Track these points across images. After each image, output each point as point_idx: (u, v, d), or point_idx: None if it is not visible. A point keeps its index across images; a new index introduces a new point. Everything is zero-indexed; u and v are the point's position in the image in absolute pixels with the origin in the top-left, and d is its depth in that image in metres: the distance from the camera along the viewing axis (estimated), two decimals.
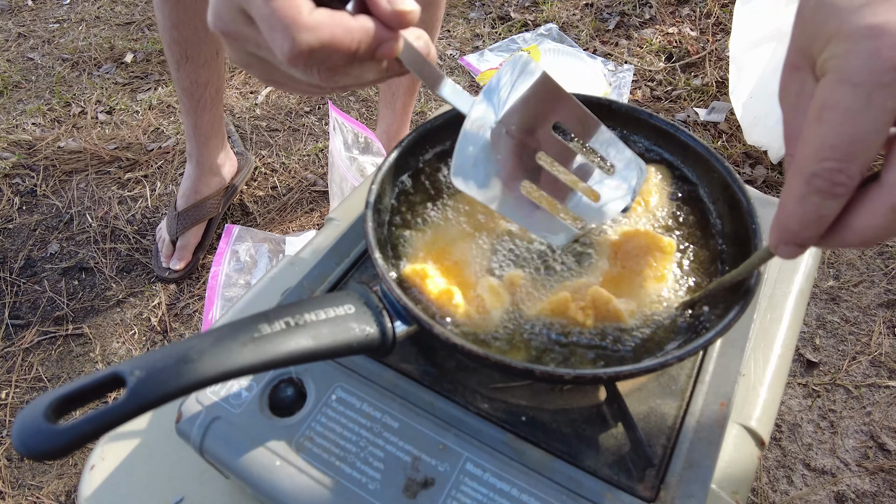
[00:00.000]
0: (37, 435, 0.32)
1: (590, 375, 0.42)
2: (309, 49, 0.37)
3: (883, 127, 0.31)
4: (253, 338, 0.38)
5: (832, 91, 0.32)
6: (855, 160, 0.32)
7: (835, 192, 0.33)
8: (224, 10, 0.40)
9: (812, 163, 0.33)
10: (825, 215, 0.34)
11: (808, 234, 0.35)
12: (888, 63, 0.30)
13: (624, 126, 0.64)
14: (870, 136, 0.31)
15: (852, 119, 0.31)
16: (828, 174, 0.33)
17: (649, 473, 0.46)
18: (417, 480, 0.46)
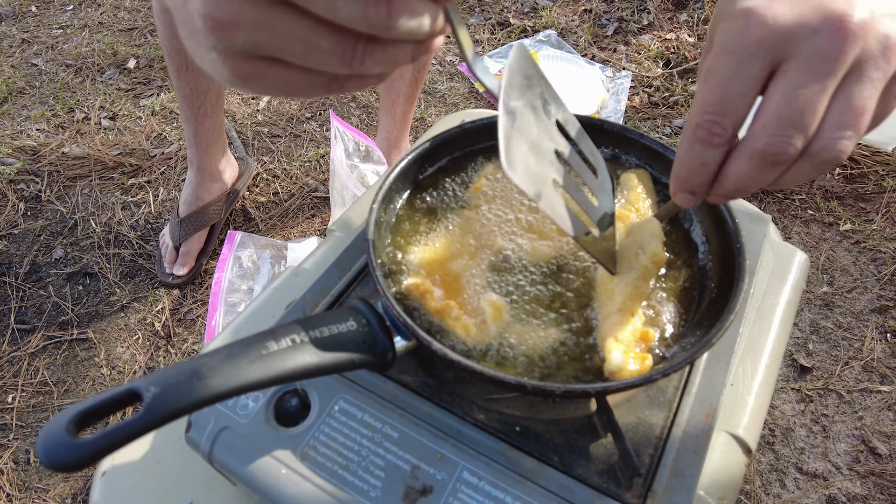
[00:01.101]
0: (60, 448, 0.34)
1: (579, 390, 0.45)
2: None
3: (749, 89, 0.38)
4: (261, 355, 0.41)
5: (714, 59, 0.39)
6: (728, 114, 0.39)
7: (713, 142, 0.40)
8: None
9: (696, 116, 0.40)
10: (707, 162, 0.41)
11: (696, 181, 0.42)
12: (754, 37, 0.37)
13: (616, 145, 0.66)
14: (739, 96, 0.38)
15: (727, 81, 0.38)
16: (707, 125, 0.39)
17: (637, 482, 0.48)
18: (416, 488, 0.49)
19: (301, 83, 0.33)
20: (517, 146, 0.44)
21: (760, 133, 0.38)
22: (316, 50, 0.31)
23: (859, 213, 1.66)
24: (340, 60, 0.32)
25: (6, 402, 1.35)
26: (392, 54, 0.33)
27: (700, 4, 2.31)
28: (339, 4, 0.29)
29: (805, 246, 1.60)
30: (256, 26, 0.29)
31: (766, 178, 0.40)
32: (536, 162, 0.45)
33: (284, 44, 0.30)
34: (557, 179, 0.47)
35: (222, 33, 0.30)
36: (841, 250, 1.59)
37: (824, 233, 1.62)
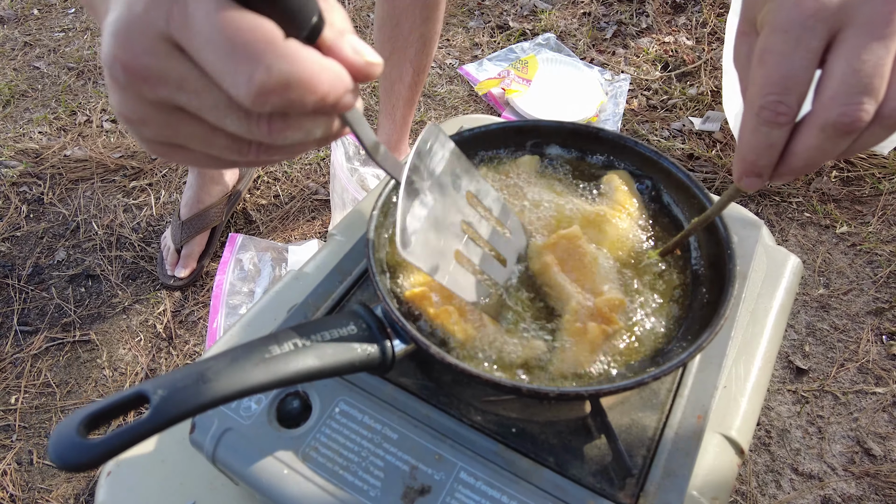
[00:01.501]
0: (71, 449, 0.35)
1: (573, 393, 0.46)
2: (285, 82, 0.30)
3: (810, 63, 0.39)
4: (264, 358, 0.42)
5: (768, 38, 0.39)
6: (791, 92, 0.39)
7: (779, 121, 0.40)
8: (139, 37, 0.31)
9: (758, 98, 0.40)
10: (774, 143, 0.41)
11: (763, 163, 0.42)
12: (809, 11, 0.38)
13: (610, 152, 0.68)
14: (801, 72, 0.38)
15: (786, 58, 0.38)
16: (771, 105, 0.39)
17: (629, 482, 0.49)
18: (415, 488, 0.50)
19: (210, 163, 0.37)
20: (413, 225, 0.46)
21: (830, 104, 0.38)
22: (215, 145, 0.35)
23: (856, 216, 1.67)
24: (238, 154, 0.36)
25: (9, 404, 1.36)
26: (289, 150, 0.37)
27: (698, 8, 2.32)
28: (226, 121, 0.33)
29: (802, 248, 1.61)
30: (161, 125, 0.34)
31: (838, 148, 0.40)
32: (437, 237, 0.48)
33: (187, 139, 0.35)
34: (460, 249, 0.50)
35: (133, 127, 0.34)
36: (837, 253, 1.60)
37: (821, 235, 1.64)
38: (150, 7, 0.30)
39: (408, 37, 1.35)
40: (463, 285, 0.51)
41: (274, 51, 0.30)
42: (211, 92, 0.32)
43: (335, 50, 0.34)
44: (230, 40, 0.29)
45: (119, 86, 0.32)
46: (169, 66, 0.31)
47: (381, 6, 1.35)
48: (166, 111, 0.33)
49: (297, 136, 0.35)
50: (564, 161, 0.70)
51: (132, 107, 0.33)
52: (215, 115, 0.33)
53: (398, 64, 1.42)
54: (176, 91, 0.32)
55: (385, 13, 1.34)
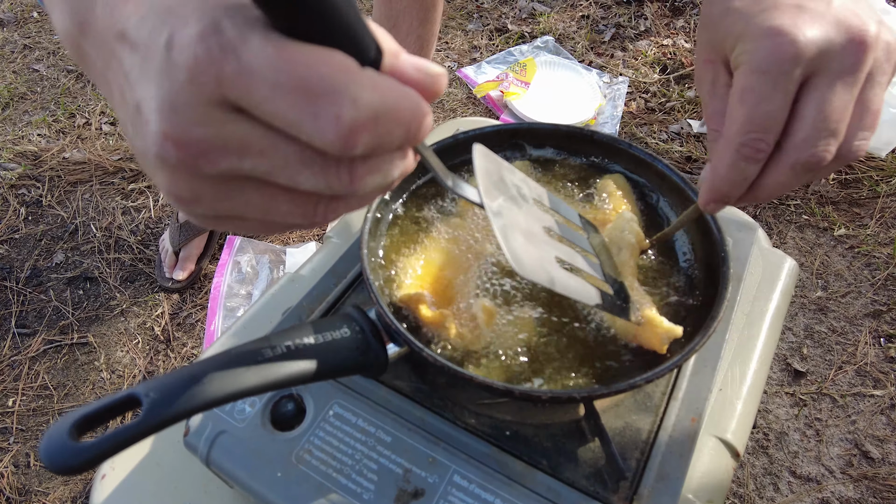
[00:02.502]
0: (62, 452, 0.35)
1: (565, 396, 0.46)
2: (375, 114, 0.27)
3: (786, 104, 0.41)
4: (257, 361, 0.42)
5: (748, 79, 0.41)
6: (770, 131, 0.41)
7: (757, 158, 0.42)
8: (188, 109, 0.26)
9: (740, 136, 0.42)
10: (748, 177, 0.43)
11: (734, 193, 0.44)
12: (787, 55, 0.40)
13: (605, 155, 0.68)
14: (779, 112, 0.41)
15: (766, 99, 0.40)
16: (752, 143, 0.41)
17: (623, 485, 0.49)
18: (408, 491, 0.50)
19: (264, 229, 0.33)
20: (516, 242, 0.44)
21: (802, 146, 0.41)
22: (276, 211, 0.31)
23: (853, 219, 1.67)
24: (303, 217, 0.31)
25: (6, 406, 1.36)
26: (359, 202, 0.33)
27: (697, 10, 2.33)
28: (300, 179, 0.29)
29: (800, 251, 1.61)
30: (219, 199, 0.30)
31: (801, 182, 0.43)
32: (535, 249, 0.45)
33: (246, 209, 0.31)
34: (559, 256, 0.48)
35: (186, 205, 0.30)
36: (835, 255, 1.60)
37: (819, 238, 1.64)
38: (196, 72, 0.26)
39: (405, 39, 1.36)
40: (581, 291, 0.48)
41: (357, 81, 0.26)
42: (280, 149, 0.28)
43: (397, 73, 0.30)
44: (303, 80, 0.25)
45: (170, 167, 0.28)
46: (229, 133, 0.27)
47: (378, 8, 1.35)
48: (223, 183, 0.29)
49: (377, 181, 0.30)
50: (558, 165, 0.70)
51: (186, 186, 0.29)
52: (287, 174, 0.29)
53: None
54: (239, 159, 0.28)
55: (382, 15, 1.35)
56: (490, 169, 0.48)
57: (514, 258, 0.42)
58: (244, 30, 0.26)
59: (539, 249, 0.46)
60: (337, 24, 0.27)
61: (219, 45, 0.25)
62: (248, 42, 0.26)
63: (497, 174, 0.48)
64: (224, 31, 0.26)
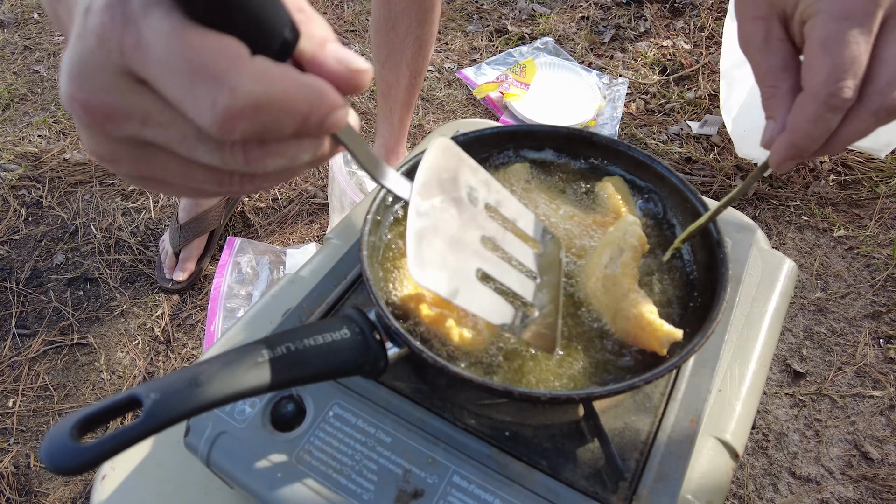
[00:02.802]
0: (64, 452, 0.35)
1: (564, 396, 0.46)
2: (253, 104, 0.27)
3: (869, 47, 0.40)
4: (257, 362, 0.42)
5: (828, 26, 0.40)
6: (857, 76, 0.40)
7: (844, 107, 0.40)
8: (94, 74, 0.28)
9: (827, 86, 0.40)
10: (832, 128, 0.41)
11: (814, 147, 0.43)
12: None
13: (604, 157, 0.68)
14: (864, 55, 0.40)
15: (851, 45, 0.39)
16: (840, 91, 0.40)
17: (622, 485, 0.49)
18: (408, 492, 0.50)
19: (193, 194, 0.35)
20: (429, 247, 0.42)
21: (887, 89, 0.40)
22: (193, 179, 0.32)
23: (853, 220, 1.67)
24: (219, 185, 0.33)
25: (7, 407, 1.36)
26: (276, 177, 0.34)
27: (696, 12, 2.33)
28: (198, 153, 0.30)
29: (799, 252, 1.61)
30: (134, 161, 0.31)
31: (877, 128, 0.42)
32: (453, 257, 0.44)
33: (164, 174, 0.32)
34: (483, 268, 0.46)
35: (108, 165, 0.32)
36: (835, 256, 1.60)
37: (818, 239, 1.64)
38: (103, 38, 0.27)
39: (404, 40, 1.36)
40: (487, 307, 0.46)
41: (239, 70, 0.27)
42: (177, 123, 0.29)
43: (317, 63, 0.31)
44: (189, 63, 0.26)
45: (83, 126, 0.30)
46: (130, 102, 0.29)
47: (377, 10, 1.35)
48: (136, 147, 0.31)
49: (279, 163, 0.31)
50: (557, 167, 0.70)
51: (101, 146, 0.31)
52: (185, 147, 0.30)
53: (395, 67, 1.43)
54: (141, 127, 0.29)
55: (381, 17, 1.35)
56: (442, 166, 0.45)
57: (414, 262, 0.41)
58: (148, 4, 0.26)
59: (458, 258, 0.44)
60: (236, 11, 0.27)
61: (122, 15, 0.27)
62: (149, 17, 0.26)
63: (451, 172, 0.46)
64: (129, 2, 0.26)
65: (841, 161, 1.79)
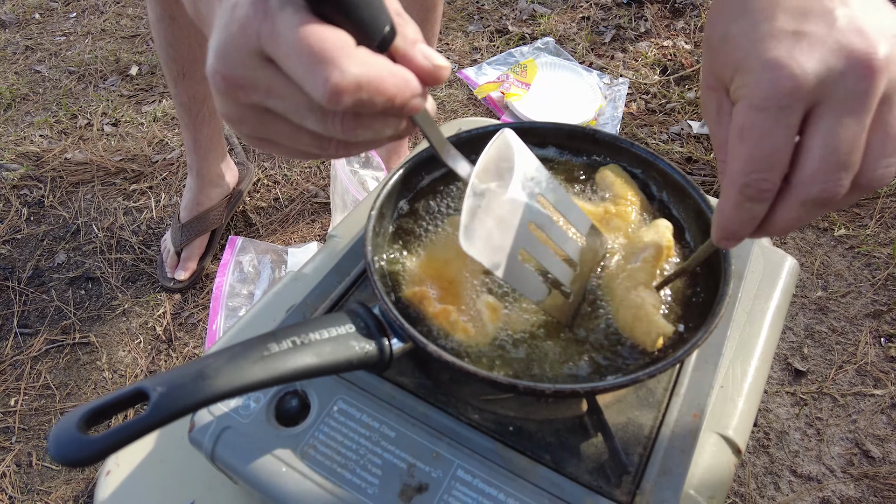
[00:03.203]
0: (71, 444, 0.36)
1: (568, 390, 0.46)
2: (356, 84, 0.34)
3: (789, 140, 0.39)
4: (263, 356, 0.42)
5: (746, 115, 0.39)
6: (774, 169, 0.39)
7: (762, 197, 0.40)
8: (234, 53, 0.36)
9: (742, 176, 0.40)
10: (756, 216, 0.42)
11: (744, 232, 0.43)
12: (786, 89, 0.38)
13: (607, 154, 0.68)
14: (782, 148, 0.39)
15: (766, 137, 0.39)
16: (755, 183, 0.40)
17: (626, 480, 0.50)
18: (412, 486, 0.50)
19: (298, 156, 0.43)
20: (480, 223, 0.48)
21: (811, 181, 0.39)
22: (300, 141, 0.41)
23: (853, 219, 1.67)
24: (320, 149, 0.41)
25: (9, 406, 1.37)
26: (364, 146, 0.42)
27: (697, 12, 2.34)
28: (307, 121, 0.38)
29: (800, 251, 1.62)
30: (255, 124, 0.40)
31: (813, 217, 0.41)
32: (502, 235, 0.49)
33: (277, 136, 0.41)
34: (527, 248, 0.52)
35: (233, 125, 0.41)
36: (835, 255, 1.60)
37: (819, 238, 1.64)
38: (244, 27, 0.36)
39: None
40: (525, 284, 0.52)
41: (347, 56, 0.35)
42: (294, 96, 0.37)
43: (407, 57, 0.39)
44: (310, 48, 0.34)
45: (220, 92, 0.38)
46: (259, 76, 0.37)
47: None
48: (259, 113, 0.39)
49: (367, 135, 0.39)
50: (560, 164, 0.71)
51: (231, 109, 0.39)
52: (298, 116, 0.38)
53: None
54: (265, 96, 0.38)
55: None
56: (503, 156, 0.51)
57: (465, 234, 0.47)
58: (284, 2, 0.35)
59: (504, 237, 0.50)
60: (350, 11, 0.36)
61: (263, 10, 0.35)
62: (284, 12, 0.35)
63: (509, 162, 0.51)
64: (269, 1, 0.35)
65: None
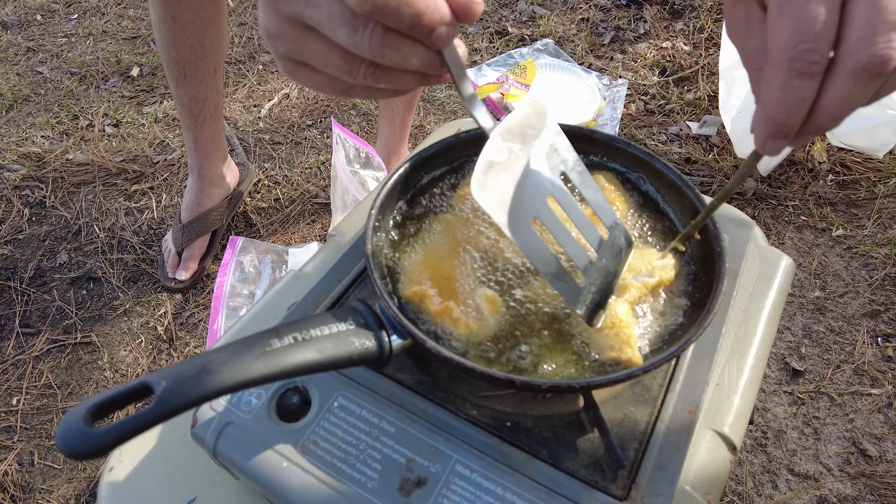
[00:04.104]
0: (78, 437, 0.37)
1: (565, 385, 0.47)
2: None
3: (835, 6, 0.37)
4: (265, 351, 0.43)
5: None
6: (821, 39, 0.37)
7: (812, 71, 0.37)
8: None
9: (789, 51, 0.37)
10: (806, 97, 0.38)
11: (793, 121, 0.39)
12: None
13: (604, 154, 0.69)
14: (828, 16, 0.36)
15: (809, 4, 0.36)
16: (804, 55, 0.37)
17: (621, 474, 0.50)
18: (411, 480, 0.51)
19: (326, 84, 0.44)
20: (494, 177, 0.47)
21: (858, 47, 0.36)
22: (330, 64, 0.42)
23: (851, 219, 1.68)
24: (347, 73, 0.42)
25: (11, 405, 1.37)
26: (392, 78, 0.42)
27: (696, 14, 2.35)
28: (338, 33, 0.39)
29: (798, 251, 1.62)
30: (292, 40, 0.42)
31: (867, 94, 0.38)
32: (516, 196, 0.48)
33: (310, 56, 0.42)
34: (540, 217, 0.49)
35: (272, 41, 0.43)
36: (833, 256, 1.61)
37: (817, 238, 1.65)
38: None
39: None
40: (533, 250, 0.49)
41: None
42: (329, 6, 0.39)
43: None
44: None
45: (264, 5, 0.41)
46: None
47: None
48: (296, 27, 0.41)
49: (394, 58, 0.40)
50: None
51: (272, 22, 0.41)
52: (330, 26, 0.39)
53: None
54: (304, 6, 0.39)
55: None
56: (530, 123, 0.49)
57: (476, 183, 0.46)
58: None
59: (519, 198, 0.48)
60: None
61: None
62: None
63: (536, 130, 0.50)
64: None
65: (839, 161, 1.80)
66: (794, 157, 1.79)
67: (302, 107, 2.07)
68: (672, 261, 0.61)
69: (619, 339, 0.53)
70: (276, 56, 0.44)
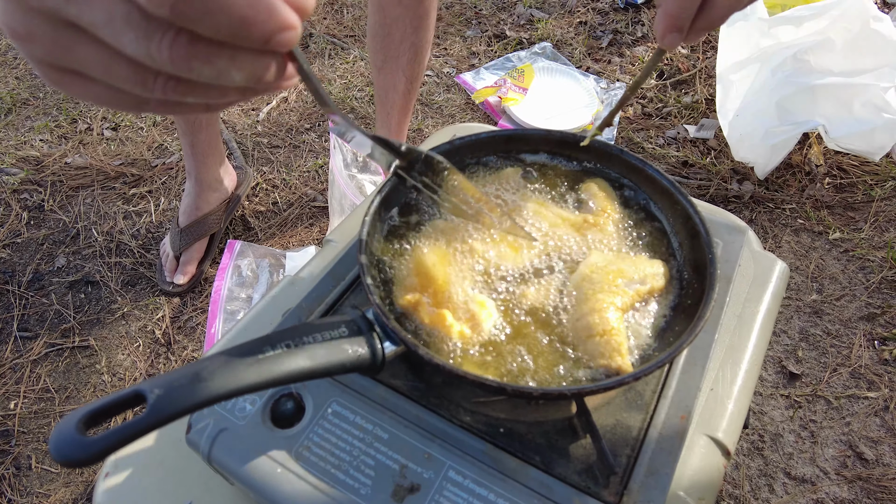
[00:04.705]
0: (71, 445, 0.37)
1: (556, 392, 0.47)
2: None
3: None
4: (258, 359, 0.43)
5: None
6: None
7: None
8: None
9: None
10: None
11: (686, 15, 0.45)
12: None
13: (598, 160, 0.69)
14: None
15: None
16: None
17: (613, 480, 0.51)
18: (405, 486, 0.51)
19: (109, 98, 0.32)
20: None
21: None
22: (114, 74, 0.30)
23: (848, 223, 1.69)
24: (143, 87, 0.30)
25: (9, 409, 1.37)
26: (204, 91, 0.31)
27: None
28: (124, 41, 0.28)
29: (795, 255, 1.63)
30: (52, 42, 0.29)
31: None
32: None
33: (84, 64, 0.30)
34: None
35: (21, 44, 0.30)
36: (830, 259, 1.62)
37: (814, 242, 1.65)
38: None
39: (399, 46, 1.38)
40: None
41: None
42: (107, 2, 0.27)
43: None
44: None
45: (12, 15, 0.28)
46: None
47: (372, 16, 1.37)
48: (56, 25, 0.28)
49: (206, 72, 0.29)
50: (551, 170, 0.72)
51: (17, 17, 0.28)
52: (111, 31, 0.28)
53: (391, 73, 1.44)
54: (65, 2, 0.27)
55: (376, 23, 1.36)
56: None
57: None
58: None
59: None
60: None
61: None
62: None
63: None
64: None
65: (836, 164, 1.80)
66: (791, 161, 1.79)
67: (300, 110, 2.07)
68: (663, 268, 0.61)
69: (609, 346, 0.53)
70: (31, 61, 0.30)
